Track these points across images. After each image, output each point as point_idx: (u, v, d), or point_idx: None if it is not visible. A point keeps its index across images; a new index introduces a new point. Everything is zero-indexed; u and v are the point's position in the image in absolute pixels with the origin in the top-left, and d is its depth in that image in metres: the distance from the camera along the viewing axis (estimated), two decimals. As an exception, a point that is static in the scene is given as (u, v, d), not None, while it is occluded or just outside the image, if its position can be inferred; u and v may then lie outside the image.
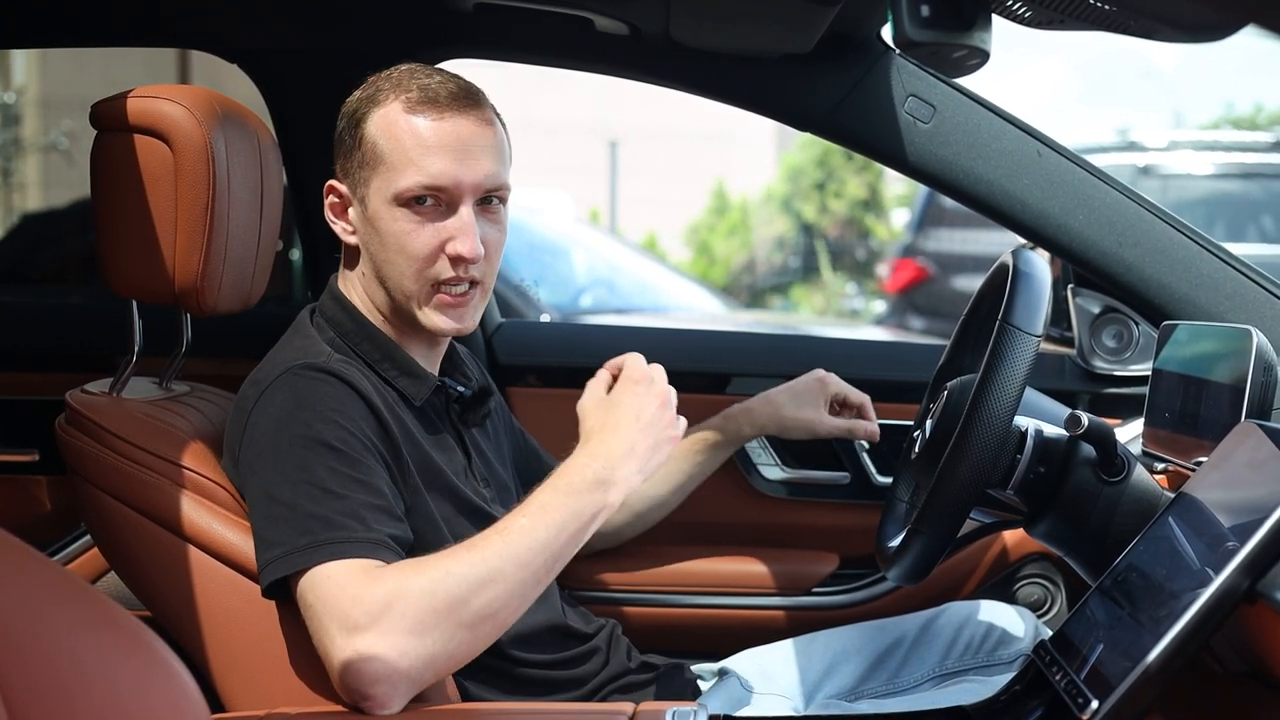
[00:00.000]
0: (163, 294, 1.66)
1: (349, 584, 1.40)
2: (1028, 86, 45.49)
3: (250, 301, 1.78)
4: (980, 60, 1.66)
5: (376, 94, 1.63)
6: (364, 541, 1.44)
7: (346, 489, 1.47)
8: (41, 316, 2.72)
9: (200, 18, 2.26)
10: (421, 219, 1.60)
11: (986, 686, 1.74)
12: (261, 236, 1.76)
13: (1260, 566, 1.26)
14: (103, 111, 1.67)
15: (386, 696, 1.37)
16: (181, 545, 1.55)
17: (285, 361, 1.58)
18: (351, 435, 1.51)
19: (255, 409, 1.54)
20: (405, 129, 1.60)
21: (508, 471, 1.84)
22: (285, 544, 1.44)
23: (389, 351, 1.66)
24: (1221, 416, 1.57)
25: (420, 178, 1.59)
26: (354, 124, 1.64)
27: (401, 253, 1.61)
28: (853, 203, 14.82)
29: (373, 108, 1.62)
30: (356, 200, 1.65)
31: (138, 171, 1.63)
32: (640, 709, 1.42)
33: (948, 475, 1.53)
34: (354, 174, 1.64)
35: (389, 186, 1.60)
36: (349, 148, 1.64)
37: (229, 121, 1.68)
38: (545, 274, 6.41)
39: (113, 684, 0.85)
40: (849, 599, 2.25)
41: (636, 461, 1.53)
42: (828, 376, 2.09)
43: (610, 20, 2.03)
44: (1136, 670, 1.28)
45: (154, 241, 1.63)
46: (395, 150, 1.60)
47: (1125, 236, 1.98)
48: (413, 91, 1.61)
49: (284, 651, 1.51)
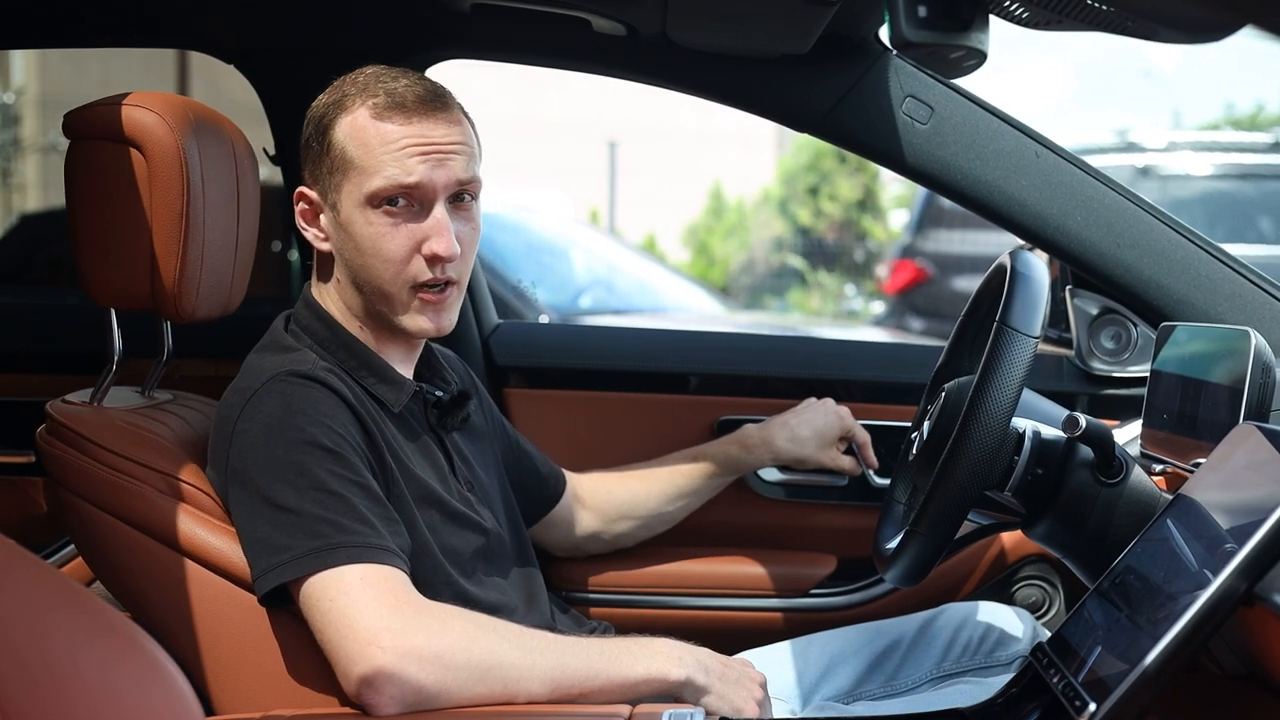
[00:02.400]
0: (141, 301, 1.66)
1: (377, 594, 1.42)
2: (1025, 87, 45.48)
3: (230, 307, 1.77)
4: (978, 61, 1.66)
5: (343, 99, 1.63)
6: (379, 549, 1.45)
7: (348, 491, 1.47)
8: (40, 317, 2.72)
9: (198, 18, 2.26)
10: (396, 220, 1.60)
11: (984, 688, 1.74)
12: (239, 242, 1.76)
13: (1259, 569, 1.25)
14: (76, 120, 1.67)
15: (390, 704, 1.39)
16: (165, 552, 1.55)
17: (271, 369, 1.57)
18: (344, 439, 1.51)
19: (242, 416, 1.54)
20: (374, 134, 1.59)
21: (492, 474, 1.84)
22: (293, 548, 1.44)
23: (366, 359, 1.66)
24: (1220, 418, 1.57)
25: (392, 179, 1.58)
26: (321, 130, 1.63)
27: (378, 255, 1.61)
28: (848, 205, 14.83)
29: (340, 114, 1.62)
30: (328, 206, 1.64)
31: (112, 179, 1.63)
32: (637, 710, 1.42)
33: (945, 477, 1.53)
34: (324, 179, 1.63)
35: (361, 189, 1.59)
36: (317, 154, 1.64)
37: (202, 128, 1.67)
38: (544, 274, 6.41)
39: (110, 688, 0.85)
40: (846, 600, 2.25)
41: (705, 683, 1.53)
42: (845, 415, 2.15)
43: (608, 21, 2.03)
44: (1134, 673, 1.27)
45: (130, 249, 1.63)
46: (365, 154, 1.59)
47: (1123, 237, 1.98)
48: (379, 96, 1.60)
49: (272, 656, 1.51)
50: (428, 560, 1.57)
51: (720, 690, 1.53)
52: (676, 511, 2.13)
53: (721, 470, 2.13)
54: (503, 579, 1.71)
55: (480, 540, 1.67)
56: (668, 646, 1.54)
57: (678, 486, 2.09)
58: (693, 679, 1.51)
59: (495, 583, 1.69)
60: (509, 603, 1.68)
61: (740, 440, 2.12)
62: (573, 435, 2.31)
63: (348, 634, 1.40)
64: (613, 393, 2.37)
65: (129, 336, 1.74)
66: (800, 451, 2.12)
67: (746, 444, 2.12)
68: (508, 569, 1.73)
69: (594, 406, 2.35)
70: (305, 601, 1.44)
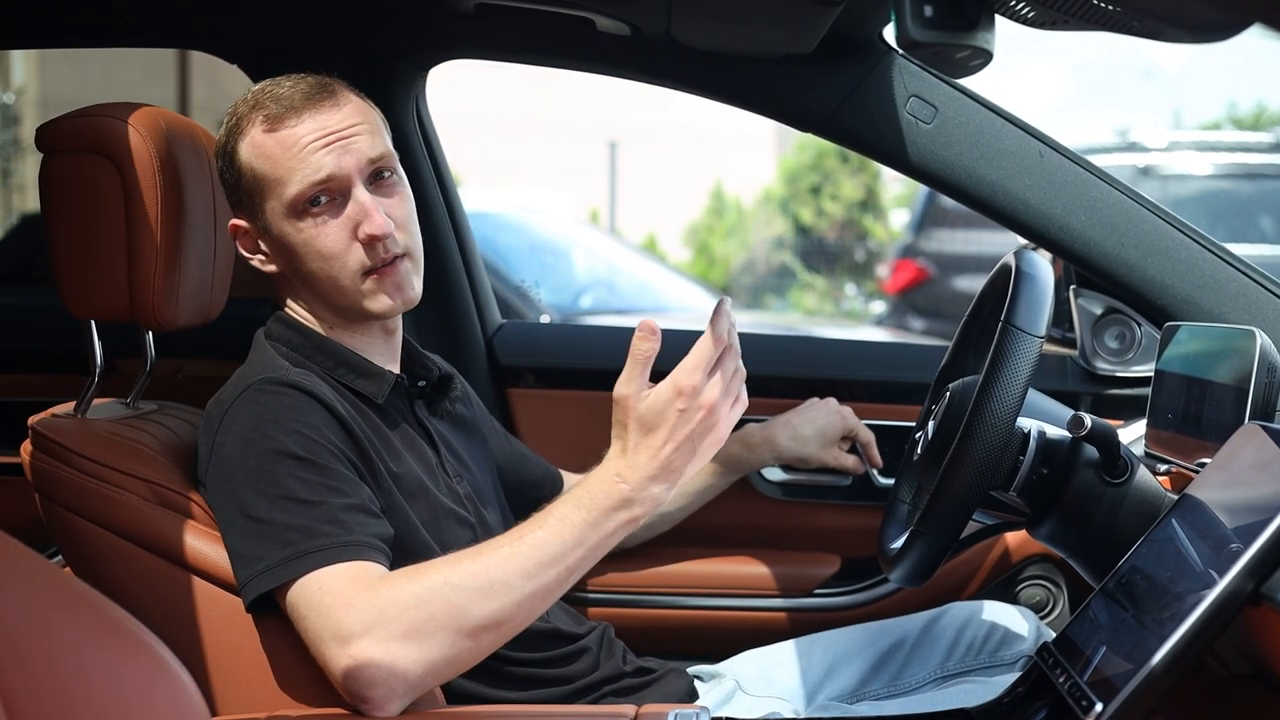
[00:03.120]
0: (120, 312, 1.65)
1: (341, 591, 1.40)
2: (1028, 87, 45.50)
3: (211, 314, 1.77)
4: (983, 61, 1.66)
5: (238, 124, 1.64)
6: (347, 545, 1.44)
7: (319, 495, 1.47)
8: (41, 318, 2.72)
9: (201, 18, 2.26)
10: (322, 218, 1.61)
11: (988, 688, 1.74)
12: (218, 250, 1.76)
13: (1265, 568, 1.25)
14: (48, 134, 1.67)
15: (385, 699, 1.38)
16: (155, 561, 1.55)
17: (246, 379, 1.58)
18: (317, 444, 1.51)
19: (220, 428, 1.55)
20: (274, 145, 1.60)
21: (483, 467, 1.84)
22: (266, 558, 1.44)
23: (342, 357, 1.66)
24: (1225, 418, 1.56)
25: (306, 180, 1.59)
26: (229, 159, 1.64)
27: (319, 257, 1.61)
28: (849, 205, 14.84)
29: (239, 138, 1.63)
30: (259, 229, 1.65)
31: (86, 192, 1.63)
32: (642, 711, 1.42)
33: (950, 477, 1.53)
34: (247, 205, 1.65)
35: (281, 202, 1.61)
36: (233, 184, 1.65)
37: (175, 137, 1.67)
38: (545, 274, 6.42)
39: (115, 687, 0.85)
40: (850, 600, 2.25)
41: (669, 480, 1.42)
42: (848, 415, 2.15)
43: (612, 21, 2.03)
44: (1141, 673, 1.27)
45: (108, 261, 1.63)
46: (273, 167, 1.60)
47: (1127, 237, 1.97)
48: (268, 108, 1.61)
49: (270, 659, 1.51)
50: (423, 554, 1.57)
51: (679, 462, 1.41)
52: (678, 512, 2.12)
53: (724, 470, 2.13)
54: None
55: (470, 534, 1.67)
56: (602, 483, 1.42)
57: (684, 490, 2.09)
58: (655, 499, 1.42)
59: None
60: None
61: (742, 439, 2.12)
62: (577, 435, 2.31)
63: (323, 640, 1.39)
64: None
65: (121, 339, 1.74)
66: (802, 450, 2.12)
67: (749, 443, 2.12)
68: None
69: (598, 406, 2.33)
70: (289, 611, 1.44)
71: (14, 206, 11.87)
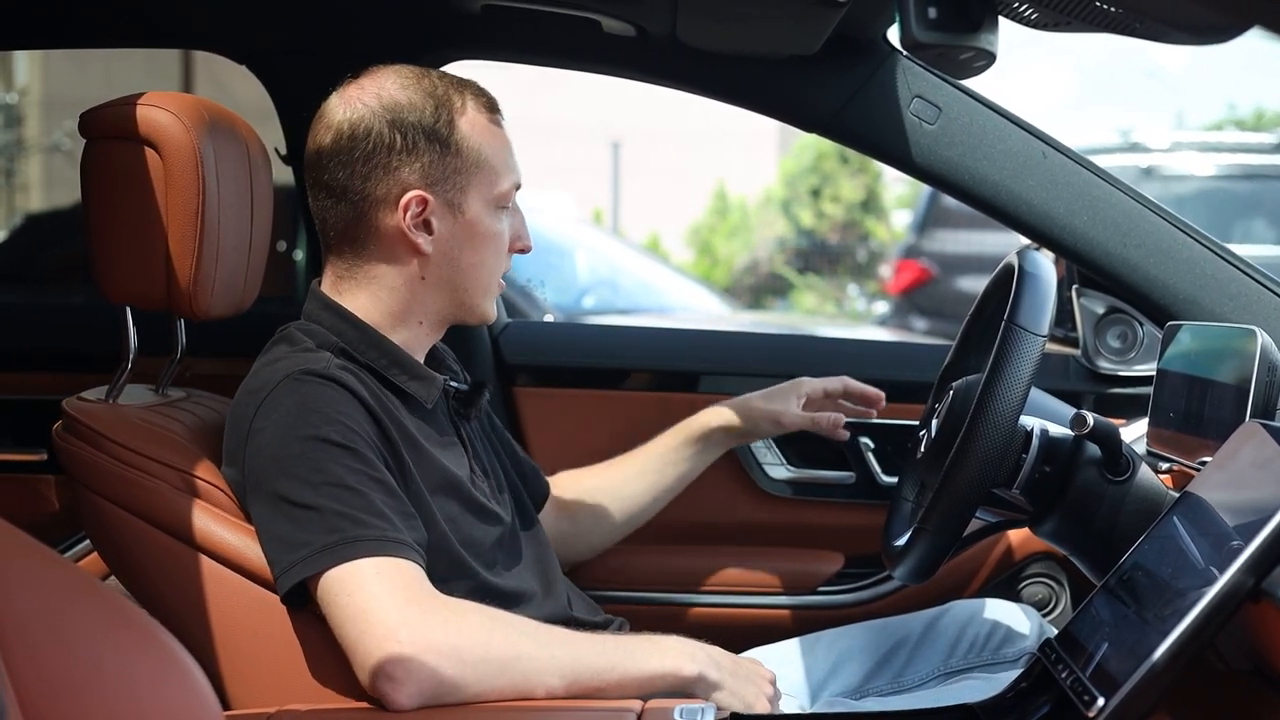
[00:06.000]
0: (156, 300, 1.67)
1: (393, 584, 1.43)
2: (1030, 87, 45.46)
3: (244, 305, 1.78)
4: (987, 62, 1.67)
5: (447, 98, 1.63)
6: (396, 542, 1.46)
7: (364, 486, 1.48)
8: (46, 317, 2.73)
9: (210, 19, 2.27)
10: (505, 218, 1.68)
11: (991, 684, 1.74)
12: (253, 241, 1.77)
13: (1265, 565, 1.26)
14: (91, 120, 1.68)
15: (408, 698, 1.40)
16: (182, 549, 1.56)
17: (285, 369, 1.58)
18: (359, 436, 1.52)
19: (258, 416, 1.55)
20: (495, 134, 1.65)
21: (497, 463, 1.85)
22: (311, 543, 1.45)
23: (397, 357, 1.66)
24: (1226, 416, 1.57)
25: (515, 180, 1.67)
26: (441, 132, 1.62)
27: (497, 254, 1.67)
28: (850, 206, 14.82)
29: (455, 113, 1.63)
30: (452, 208, 1.63)
31: (128, 179, 1.64)
32: (648, 706, 1.43)
33: (953, 475, 1.54)
34: (447, 179, 1.62)
35: (492, 190, 1.64)
36: (438, 157, 1.62)
37: (217, 128, 1.68)
38: (548, 275, 6.41)
39: (128, 681, 0.86)
40: (854, 598, 2.25)
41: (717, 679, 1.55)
42: (804, 378, 2.07)
43: (618, 21, 2.04)
44: (1142, 668, 1.28)
45: (146, 248, 1.64)
46: (495, 155, 1.64)
47: (1130, 237, 1.98)
48: (481, 96, 1.66)
49: (287, 651, 1.52)
50: (446, 554, 1.58)
51: (732, 686, 1.54)
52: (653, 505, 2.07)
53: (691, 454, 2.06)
54: (521, 566, 1.72)
55: (499, 530, 1.68)
56: (680, 643, 1.56)
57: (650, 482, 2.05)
58: (705, 675, 1.52)
59: (514, 571, 1.70)
60: (528, 590, 1.69)
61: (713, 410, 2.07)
62: (582, 434, 2.32)
63: (365, 628, 1.41)
64: (623, 392, 2.38)
65: (139, 334, 1.75)
66: (773, 405, 2.04)
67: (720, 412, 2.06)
68: (525, 556, 1.74)
69: (604, 405, 2.36)
70: (323, 596, 1.45)
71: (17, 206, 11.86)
